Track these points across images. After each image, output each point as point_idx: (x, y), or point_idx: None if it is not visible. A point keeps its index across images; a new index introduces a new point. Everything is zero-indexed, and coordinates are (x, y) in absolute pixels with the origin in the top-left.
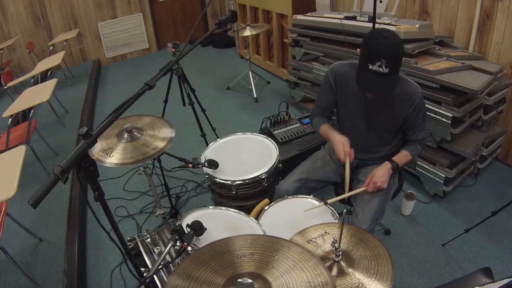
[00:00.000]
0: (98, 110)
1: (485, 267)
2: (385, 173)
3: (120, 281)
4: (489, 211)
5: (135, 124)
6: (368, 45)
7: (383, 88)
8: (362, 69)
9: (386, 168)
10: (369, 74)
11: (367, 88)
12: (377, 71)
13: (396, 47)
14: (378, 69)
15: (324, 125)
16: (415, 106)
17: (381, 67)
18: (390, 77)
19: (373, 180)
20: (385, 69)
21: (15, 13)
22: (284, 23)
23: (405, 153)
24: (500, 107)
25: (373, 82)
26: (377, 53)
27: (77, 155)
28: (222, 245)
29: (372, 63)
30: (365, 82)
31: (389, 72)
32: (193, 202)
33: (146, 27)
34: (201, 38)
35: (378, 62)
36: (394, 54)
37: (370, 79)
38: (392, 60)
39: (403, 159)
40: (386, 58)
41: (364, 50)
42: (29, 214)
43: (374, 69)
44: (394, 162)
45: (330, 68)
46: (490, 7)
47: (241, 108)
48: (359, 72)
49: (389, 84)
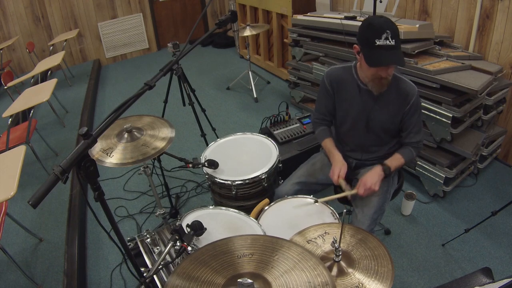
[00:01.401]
0: (98, 110)
1: (485, 267)
2: (375, 175)
3: (120, 281)
4: (489, 211)
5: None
6: (369, 26)
7: (397, 59)
8: (371, 49)
9: (377, 170)
10: (379, 50)
11: (383, 62)
12: (385, 44)
13: (392, 22)
14: (386, 42)
15: (328, 140)
16: (411, 104)
17: (388, 39)
18: (398, 50)
19: (362, 182)
20: (391, 40)
21: (15, 13)
22: (284, 23)
23: (398, 156)
24: (500, 107)
25: (385, 55)
26: (381, 27)
27: (77, 155)
28: (222, 245)
29: (379, 38)
30: (377, 58)
31: (395, 45)
32: (193, 202)
33: (146, 27)
34: (201, 38)
35: (384, 35)
36: (394, 27)
37: (382, 54)
38: (395, 32)
39: (395, 163)
40: (390, 30)
41: (366, 33)
42: (29, 214)
43: (382, 43)
44: (386, 165)
45: (326, 73)
46: (490, 7)
47: (241, 108)
48: (368, 55)
49: (400, 56)
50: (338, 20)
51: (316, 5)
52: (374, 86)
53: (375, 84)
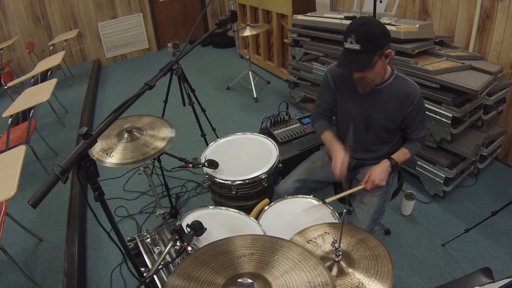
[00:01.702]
0: (98, 110)
1: (485, 267)
2: (383, 170)
3: (120, 281)
4: (489, 211)
5: (135, 124)
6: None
7: (353, 64)
8: (343, 51)
9: (384, 166)
10: (344, 52)
11: (341, 64)
12: (349, 48)
13: (368, 26)
14: (350, 45)
15: (327, 132)
16: (414, 105)
17: (352, 43)
18: (362, 55)
19: (371, 178)
20: (355, 45)
21: (15, 13)
22: (284, 23)
23: (404, 151)
24: (500, 107)
25: (345, 59)
26: (349, 30)
27: (77, 155)
28: (222, 245)
29: (346, 41)
30: (342, 61)
31: (360, 50)
32: (193, 202)
33: (146, 27)
34: (201, 38)
35: (349, 39)
36: (364, 31)
37: (344, 57)
38: (362, 36)
39: (402, 157)
40: (355, 34)
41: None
42: (29, 214)
43: (347, 46)
44: (393, 160)
45: (329, 69)
46: (490, 7)
47: (241, 108)
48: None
49: (359, 61)
50: (338, 20)
51: (316, 5)
52: (358, 86)
53: (358, 83)
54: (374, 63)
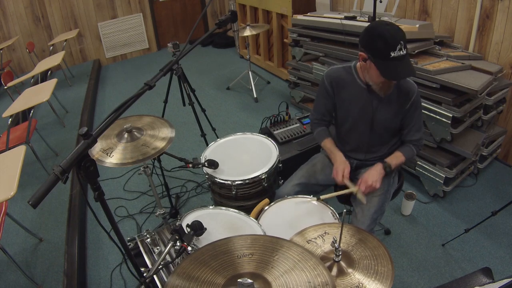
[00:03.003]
0: (98, 110)
1: (485, 267)
2: (376, 173)
3: (120, 281)
4: (489, 211)
5: (135, 124)
6: (380, 37)
7: (410, 69)
8: (386, 62)
9: (377, 169)
10: (393, 62)
11: (400, 75)
12: (399, 55)
13: (401, 29)
14: (399, 52)
15: (327, 140)
16: (412, 102)
17: (401, 50)
18: (407, 59)
19: (364, 180)
20: (404, 50)
21: (15, 13)
22: (284, 23)
23: (398, 154)
24: (500, 107)
25: (401, 67)
26: (394, 37)
27: (77, 155)
28: (222, 245)
29: (393, 50)
30: (394, 71)
31: (407, 53)
32: (193, 202)
33: (146, 27)
34: (201, 38)
35: (398, 46)
36: (403, 35)
37: (397, 66)
38: (405, 40)
39: (395, 161)
40: (402, 40)
41: (377, 43)
42: (29, 214)
43: (396, 55)
44: (386, 162)
45: (325, 74)
46: (490, 7)
47: (241, 108)
48: (383, 67)
49: (410, 65)
50: (338, 20)
51: (316, 5)
52: (382, 90)
53: (383, 89)
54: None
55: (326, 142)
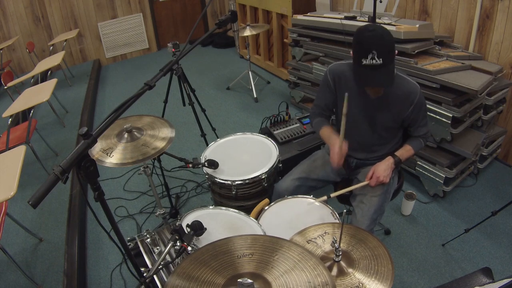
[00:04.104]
0: (98, 110)
1: (485, 267)
2: (387, 167)
3: (120, 281)
4: (489, 211)
5: (135, 124)
6: (357, 42)
7: (382, 79)
8: (357, 67)
9: (388, 163)
10: (364, 69)
11: (366, 83)
12: (371, 64)
13: (384, 37)
14: (372, 61)
15: (325, 128)
16: (415, 104)
17: (374, 59)
18: (385, 68)
19: (375, 175)
20: (378, 60)
21: (15, 13)
22: (284, 23)
23: (408, 148)
24: (500, 107)
25: (370, 76)
26: (368, 45)
27: (77, 155)
28: (222, 245)
29: (365, 57)
30: (362, 78)
31: (383, 63)
32: (193, 202)
33: (146, 27)
34: (201, 38)
35: (370, 55)
36: (383, 43)
37: (367, 74)
38: (383, 50)
39: (406, 154)
40: (376, 49)
41: (354, 48)
42: (29, 214)
43: (368, 63)
44: (397, 157)
45: (329, 68)
46: (490, 7)
47: (241, 108)
48: (355, 71)
49: (386, 75)
50: (338, 20)
51: (316, 5)
52: (370, 92)
53: (369, 91)
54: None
55: (324, 129)
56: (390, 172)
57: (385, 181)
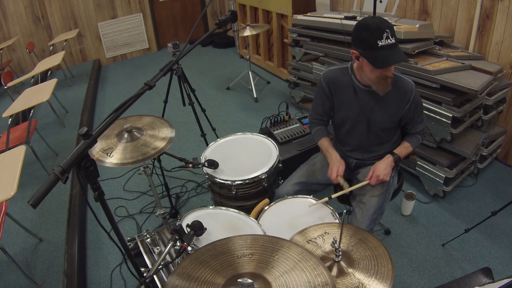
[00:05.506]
0: (98, 110)
1: (485, 267)
2: (387, 166)
3: (120, 281)
4: (489, 211)
5: (135, 124)
6: (366, 28)
7: (401, 56)
8: (373, 52)
9: (388, 161)
10: (382, 50)
11: (387, 62)
12: (387, 44)
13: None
14: (387, 41)
15: (324, 139)
16: (411, 102)
17: (389, 38)
18: (398, 47)
19: (375, 174)
20: (391, 39)
21: (15, 13)
22: (284, 23)
23: (406, 145)
24: (500, 107)
25: (389, 55)
26: (378, 27)
27: (77, 155)
28: (222, 245)
29: (380, 39)
30: (383, 59)
31: (395, 43)
32: (193, 202)
33: (146, 27)
34: (201, 38)
35: (384, 34)
36: (390, 25)
37: (385, 55)
38: (393, 30)
39: (404, 151)
40: (388, 29)
41: (364, 35)
42: (29, 214)
43: (384, 43)
44: (396, 154)
45: (323, 75)
46: (490, 7)
47: (241, 108)
48: (372, 57)
49: (401, 52)
50: (338, 20)
51: (316, 5)
52: (380, 87)
53: (381, 85)
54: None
55: (323, 141)
56: (390, 170)
57: (386, 180)
